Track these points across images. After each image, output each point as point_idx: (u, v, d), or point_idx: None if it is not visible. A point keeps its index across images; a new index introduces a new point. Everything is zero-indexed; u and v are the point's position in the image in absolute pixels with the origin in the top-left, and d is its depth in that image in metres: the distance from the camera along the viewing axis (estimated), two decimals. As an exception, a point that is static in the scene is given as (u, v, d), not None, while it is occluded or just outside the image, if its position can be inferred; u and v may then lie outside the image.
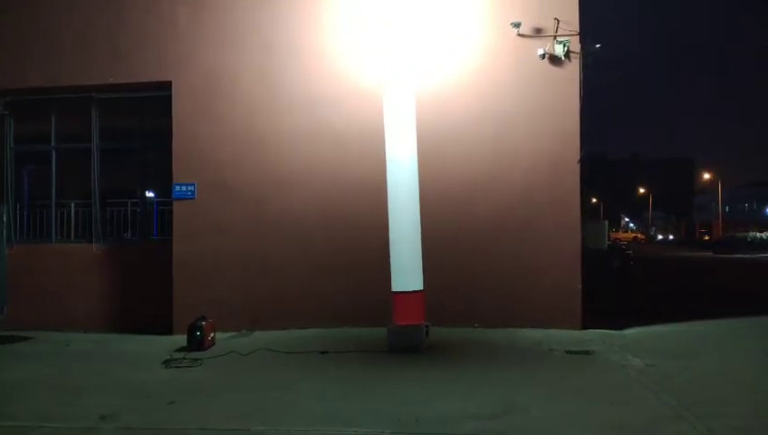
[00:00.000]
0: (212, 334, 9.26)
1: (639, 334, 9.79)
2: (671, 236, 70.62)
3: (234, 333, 10.19)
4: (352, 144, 10.50)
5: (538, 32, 10.27)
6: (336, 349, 8.64)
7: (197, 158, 10.78)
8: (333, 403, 6.13)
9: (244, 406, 6.12)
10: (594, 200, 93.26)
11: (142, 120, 11.83)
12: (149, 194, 12.06)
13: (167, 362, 8.23)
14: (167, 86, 10.86)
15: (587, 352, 8.40)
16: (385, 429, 5.27)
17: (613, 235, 58.08)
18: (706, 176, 74.03)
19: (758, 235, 45.25)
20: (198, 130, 10.80)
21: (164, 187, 11.38)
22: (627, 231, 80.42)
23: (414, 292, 8.69)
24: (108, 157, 11.79)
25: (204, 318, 9.19)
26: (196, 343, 8.97)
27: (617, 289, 17.57)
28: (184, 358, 8.40)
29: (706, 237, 56.28)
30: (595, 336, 9.53)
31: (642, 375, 7.09)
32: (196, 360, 8.29)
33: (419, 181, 9.11)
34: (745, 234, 46.69)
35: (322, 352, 8.49)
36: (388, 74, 9.12)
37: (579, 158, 10.27)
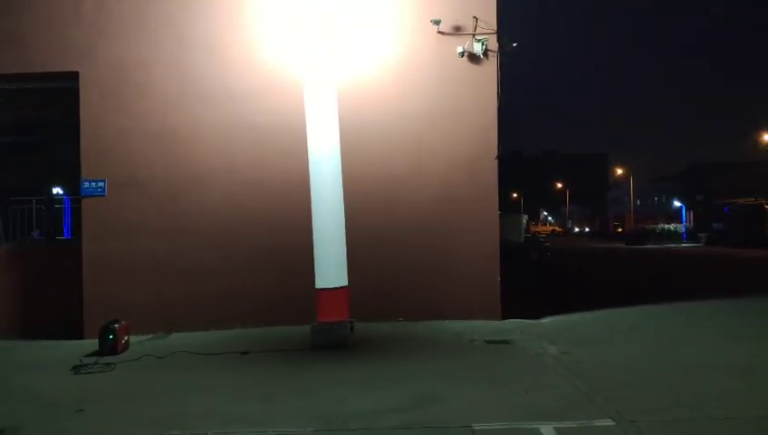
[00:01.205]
0: (126, 338, 8.84)
1: (556, 323, 10.19)
2: (587, 229, 74.08)
3: (150, 336, 9.79)
4: (274, 140, 10.31)
5: (457, 30, 10.44)
6: (257, 349, 8.46)
7: (107, 153, 10.26)
8: (253, 404, 5.99)
9: (159, 411, 5.87)
10: (515, 195, 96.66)
11: (48, 113, 11.11)
12: (58, 191, 11.36)
13: (76, 368, 7.77)
14: (73, 76, 10.25)
15: (506, 342, 8.65)
16: (306, 427, 5.20)
17: (533, 228, 60.32)
18: (619, 171, 78.06)
19: (666, 226, 48.14)
20: (108, 123, 10.27)
21: (75, 183, 10.74)
22: (545, 224, 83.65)
23: (338, 288, 8.61)
24: (11, 152, 11.00)
25: (117, 321, 8.76)
26: (109, 346, 8.54)
27: (535, 280, 18.25)
28: (95, 363, 7.99)
29: (619, 229, 59.38)
30: (514, 326, 9.83)
31: (557, 362, 7.37)
32: (108, 364, 7.89)
33: (343, 178, 9.05)
34: (655, 226, 49.59)
35: (243, 353, 8.28)
36: (309, 67, 8.96)
37: (497, 154, 10.53)
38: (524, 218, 33.13)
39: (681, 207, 55.58)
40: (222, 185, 10.35)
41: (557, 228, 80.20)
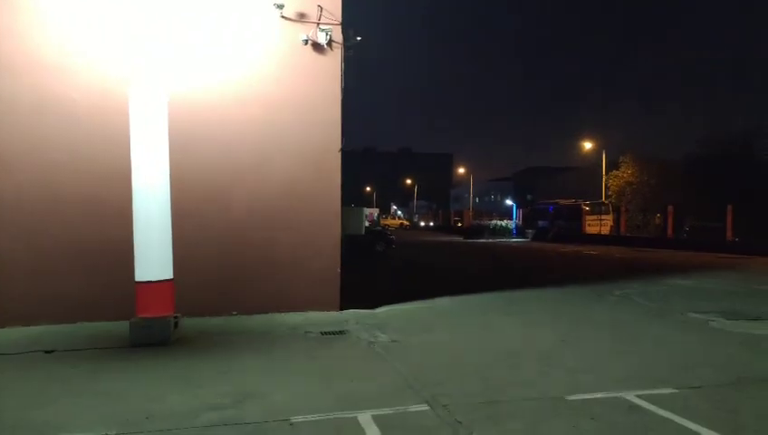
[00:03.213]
0: None
1: (390, 313, 10.51)
2: (431, 223, 77.80)
3: (-64, 335, 8.51)
4: (91, 121, 9.40)
5: (302, 17, 10.33)
6: (67, 347, 7.70)
7: None
8: (52, 407, 5.40)
9: (-67, 422, 5.08)
10: (368, 189, 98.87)
11: None
12: None
13: None
14: None
15: (341, 332, 8.74)
16: (109, 430, 4.79)
17: (383, 221, 62.06)
18: (462, 170, 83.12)
19: (499, 223, 52.05)
20: None
21: None
22: (395, 218, 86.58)
23: (161, 281, 8.03)
24: None
25: None
26: None
27: (377, 271, 18.74)
28: None
29: (459, 224, 63.09)
30: (351, 317, 9.98)
31: (385, 350, 7.59)
32: None
33: (175, 167, 8.51)
34: (489, 222, 53.43)
35: (48, 352, 7.47)
36: (137, 46, 8.29)
37: (340, 147, 10.58)
38: (371, 211, 33.89)
39: (513, 205, 60.45)
40: (26, 169, 9.23)
41: (405, 222, 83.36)
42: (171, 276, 8.20)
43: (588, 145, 49.38)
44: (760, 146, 38.89)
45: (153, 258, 7.95)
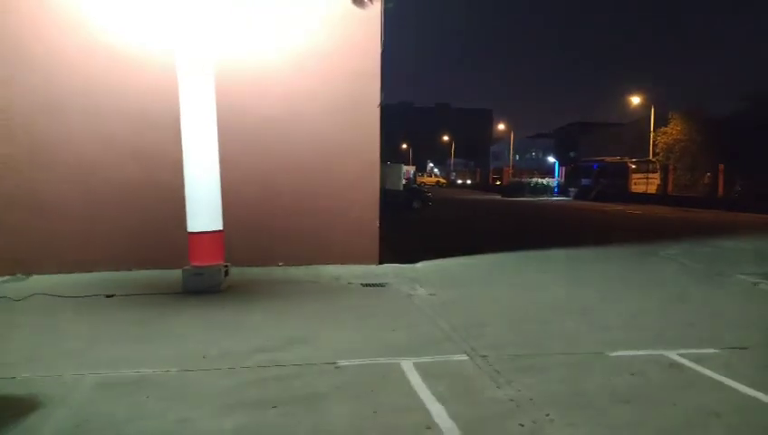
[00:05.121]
0: (-25, 280, 8.16)
1: (428, 268, 10.69)
2: (468, 181, 77.23)
3: (6, 278, 9.12)
4: (137, 67, 9.66)
5: (342, -31, 10.22)
6: (125, 292, 8.16)
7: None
8: (116, 346, 5.81)
9: (12, 354, 5.54)
10: (405, 146, 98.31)
11: None
12: None
13: None
14: None
15: (381, 285, 8.97)
16: (170, 368, 5.15)
17: (419, 179, 61.93)
18: (501, 126, 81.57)
19: (539, 181, 51.33)
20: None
21: None
22: (431, 175, 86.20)
23: (212, 232, 8.39)
24: None
25: (-35, 261, 8.04)
26: (-44, 289, 7.85)
27: (415, 227, 18.92)
28: (-60, 307, 7.34)
29: (498, 182, 62.43)
30: (390, 270, 10.20)
31: (424, 303, 7.80)
32: (-46, 308, 7.28)
33: (219, 121, 8.68)
34: (529, 180, 52.70)
35: (108, 296, 7.94)
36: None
37: (379, 102, 10.61)
38: (408, 169, 33.86)
39: (555, 162, 59.36)
40: (79, 114, 9.61)
41: (441, 180, 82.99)
42: (221, 227, 8.54)
43: (635, 100, 47.63)
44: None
45: (204, 211, 8.30)
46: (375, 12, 10.39)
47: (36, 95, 9.47)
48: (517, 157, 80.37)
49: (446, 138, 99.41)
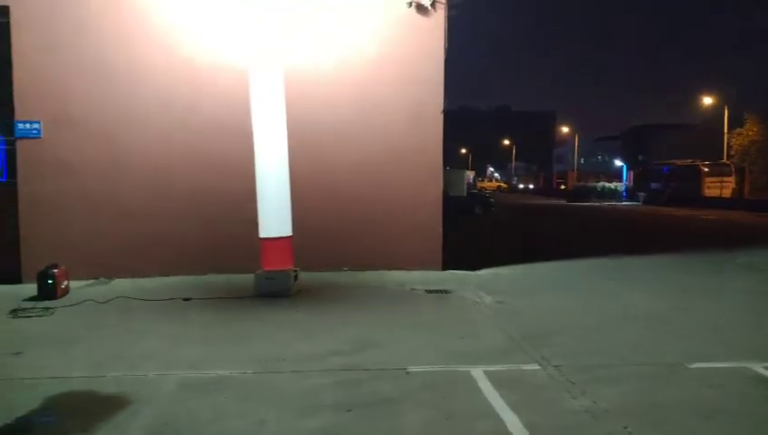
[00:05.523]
0: (65, 282, 8.71)
1: (494, 275, 10.60)
2: (531, 186, 75.82)
3: (90, 281, 9.68)
4: (211, 80, 10.08)
5: (405, -21, 10.34)
6: (200, 296, 8.51)
7: (42, 92, 9.85)
8: (194, 347, 6.08)
9: (99, 354, 5.90)
10: (464, 151, 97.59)
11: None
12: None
13: (14, 312, 7.66)
14: (3, 11, 9.64)
15: (445, 291, 8.98)
16: (247, 369, 5.35)
17: (479, 184, 61.32)
18: (565, 129, 79.73)
19: (606, 185, 49.74)
20: (42, 61, 9.81)
21: (7, 123, 10.24)
22: (492, 181, 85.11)
23: (282, 238, 8.65)
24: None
25: (55, 265, 8.61)
26: (48, 291, 8.41)
27: (478, 234, 18.77)
28: (34, 307, 7.89)
29: (562, 187, 60.97)
30: (454, 277, 10.19)
31: (492, 311, 7.75)
32: (47, 309, 7.81)
33: (287, 125, 8.94)
34: (596, 184, 51.16)
35: (186, 299, 8.30)
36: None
37: (442, 108, 10.64)
38: (467, 174, 33.62)
39: (622, 166, 57.47)
40: (157, 126, 10.13)
41: (502, 185, 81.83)
42: (291, 233, 8.79)
43: (707, 100, 45.58)
44: None
45: (275, 217, 8.59)
46: (439, 19, 10.45)
47: (117, 110, 10.04)
48: (582, 160, 78.29)
49: (506, 141, 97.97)
